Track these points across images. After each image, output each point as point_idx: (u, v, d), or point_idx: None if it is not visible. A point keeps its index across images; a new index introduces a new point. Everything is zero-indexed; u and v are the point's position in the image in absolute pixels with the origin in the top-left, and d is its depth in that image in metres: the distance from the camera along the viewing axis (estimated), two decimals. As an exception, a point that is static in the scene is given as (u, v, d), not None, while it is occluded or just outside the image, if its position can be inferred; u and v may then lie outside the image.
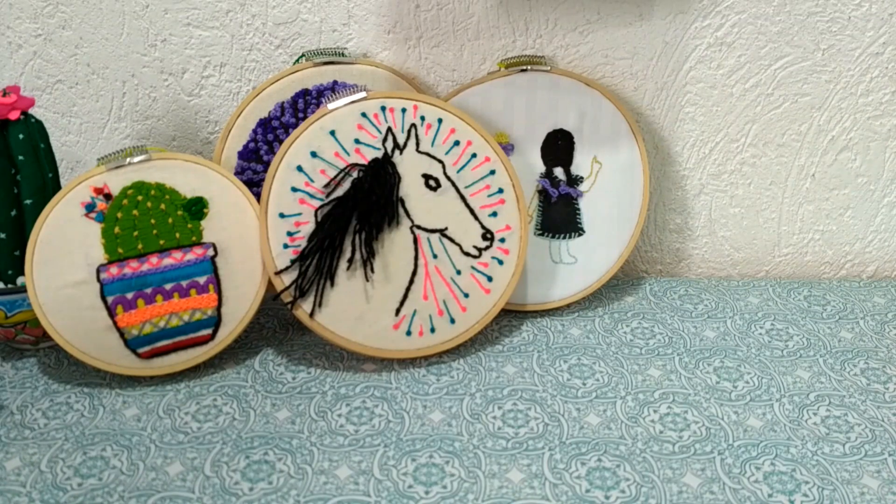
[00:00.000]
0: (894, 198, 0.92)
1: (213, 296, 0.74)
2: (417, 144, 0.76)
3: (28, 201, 0.72)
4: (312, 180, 0.74)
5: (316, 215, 0.73)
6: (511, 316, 0.84)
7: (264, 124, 0.80)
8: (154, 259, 0.72)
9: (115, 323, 0.71)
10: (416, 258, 0.75)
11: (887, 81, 0.85)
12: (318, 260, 0.72)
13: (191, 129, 0.88)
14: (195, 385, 0.73)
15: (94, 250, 0.71)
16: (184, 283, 0.73)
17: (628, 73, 0.85)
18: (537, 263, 0.84)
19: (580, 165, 0.84)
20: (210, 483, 0.61)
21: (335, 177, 0.74)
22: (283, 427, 0.67)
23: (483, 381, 0.74)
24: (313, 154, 0.74)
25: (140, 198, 0.73)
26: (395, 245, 0.75)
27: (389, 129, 0.76)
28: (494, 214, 0.78)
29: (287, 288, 0.73)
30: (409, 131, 0.76)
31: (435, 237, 0.76)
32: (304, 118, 0.79)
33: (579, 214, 0.85)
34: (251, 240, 0.75)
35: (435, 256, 0.76)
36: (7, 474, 0.62)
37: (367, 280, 0.74)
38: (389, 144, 0.75)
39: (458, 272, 0.76)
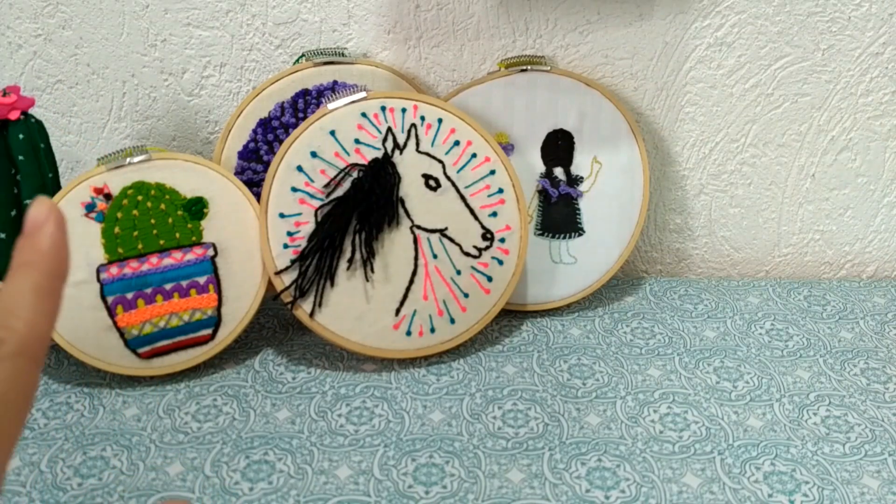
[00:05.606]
0: (894, 198, 0.91)
1: (213, 296, 0.74)
2: (417, 144, 0.76)
3: (28, 201, 0.72)
4: (312, 180, 0.74)
5: (316, 215, 0.73)
6: (511, 316, 0.84)
7: (264, 124, 0.80)
8: (154, 259, 0.72)
9: (115, 323, 0.71)
10: (416, 258, 0.75)
11: (887, 81, 0.85)
12: (318, 260, 0.72)
13: (191, 129, 0.88)
14: (195, 385, 0.73)
15: (94, 250, 0.71)
16: (184, 283, 0.73)
17: (628, 73, 0.85)
18: (537, 263, 0.84)
19: (580, 165, 0.84)
20: (210, 483, 0.61)
21: (335, 177, 0.74)
22: (283, 427, 0.67)
23: (483, 381, 0.74)
24: (313, 154, 0.74)
25: (140, 198, 0.73)
26: (395, 245, 0.75)
27: (389, 129, 0.76)
28: (494, 214, 0.78)
29: (287, 288, 0.73)
30: (409, 131, 0.76)
31: (435, 237, 0.76)
32: (304, 118, 0.79)
33: (579, 214, 0.85)
34: (251, 240, 0.75)
35: (435, 256, 0.76)
36: (7, 474, 0.62)
37: (367, 280, 0.74)
38: (389, 144, 0.75)
39: (458, 272, 0.76)
